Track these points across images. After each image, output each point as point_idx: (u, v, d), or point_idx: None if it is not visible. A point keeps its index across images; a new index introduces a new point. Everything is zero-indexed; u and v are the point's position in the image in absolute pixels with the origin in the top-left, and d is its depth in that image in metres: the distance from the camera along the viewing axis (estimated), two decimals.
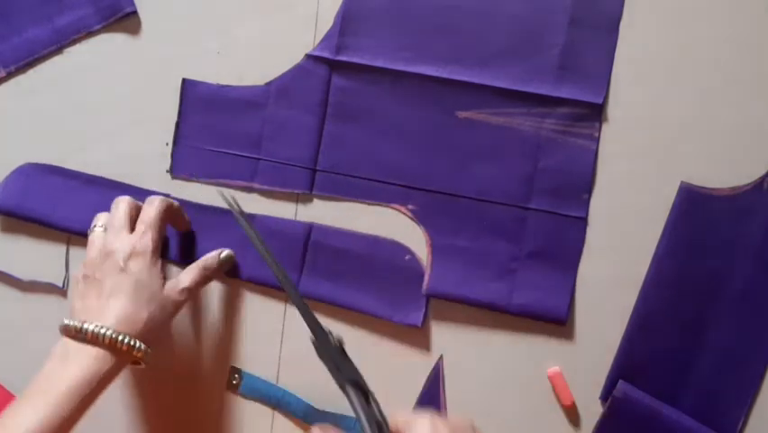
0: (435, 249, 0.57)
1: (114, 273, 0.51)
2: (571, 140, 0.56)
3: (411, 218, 0.58)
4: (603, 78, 0.56)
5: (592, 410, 0.56)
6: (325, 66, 0.58)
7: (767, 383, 0.55)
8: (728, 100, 0.56)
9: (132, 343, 0.50)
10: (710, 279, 0.55)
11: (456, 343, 0.58)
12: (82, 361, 0.48)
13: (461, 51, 0.56)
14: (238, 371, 0.60)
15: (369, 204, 0.58)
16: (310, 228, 0.58)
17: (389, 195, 0.58)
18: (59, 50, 0.61)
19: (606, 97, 0.56)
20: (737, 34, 0.56)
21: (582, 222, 0.56)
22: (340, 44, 0.57)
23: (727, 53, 0.56)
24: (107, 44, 0.61)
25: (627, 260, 0.56)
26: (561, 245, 0.56)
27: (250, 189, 0.59)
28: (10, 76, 0.62)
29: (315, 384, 0.59)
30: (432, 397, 0.58)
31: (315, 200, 0.59)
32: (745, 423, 0.55)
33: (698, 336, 0.55)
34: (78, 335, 0.49)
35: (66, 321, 0.50)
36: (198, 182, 0.60)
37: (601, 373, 0.56)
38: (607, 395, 0.56)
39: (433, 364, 0.58)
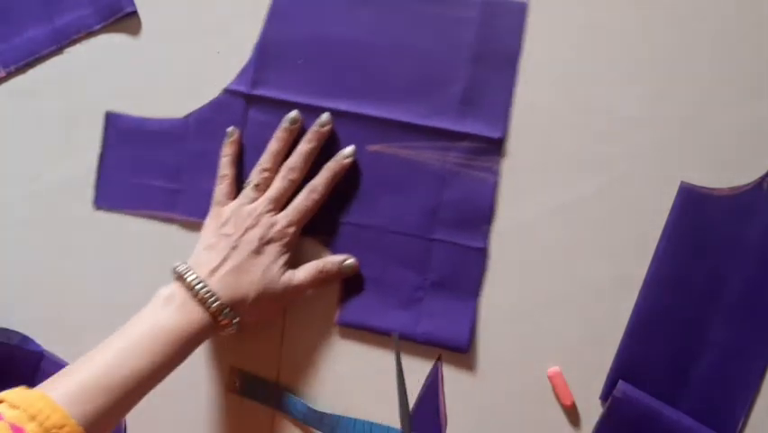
0: (345, 279, 0.58)
1: (246, 249, 0.53)
2: (473, 173, 0.57)
3: (323, 249, 0.58)
4: (502, 114, 0.57)
5: (592, 410, 0.56)
6: (242, 100, 0.59)
7: (767, 383, 0.55)
8: (728, 100, 0.56)
9: (232, 319, 0.53)
10: (710, 279, 0.55)
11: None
12: (184, 314, 0.51)
13: (371, 87, 0.58)
14: (237, 372, 0.60)
15: None
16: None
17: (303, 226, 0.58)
18: (59, 50, 0.61)
19: (506, 132, 0.57)
20: (738, 34, 0.56)
21: (482, 252, 0.57)
22: (256, 79, 0.59)
23: (727, 53, 0.56)
24: (107, 44, 0.61)
25: (627, 260, 0.56)
26: (463, 275, 0.57)
27: (171, 220, 0.60)
28: (10, 76, 0.62)
29: (315, 385, 0.59)
30: (431, 397, 0.58)
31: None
32: (744, 423, 0.55)
33: (698, 336, 0.55)
34: (189, 289, 0.52)
35: (182, 269, 0.53)
36: (121, 213, 0.60)
37: (601, 373, 0.56)
38: (607, 395, 0.56)
39: (432, 365, 0.58)
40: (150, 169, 0.60)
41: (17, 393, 0.44)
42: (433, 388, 0.58)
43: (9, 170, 0.62)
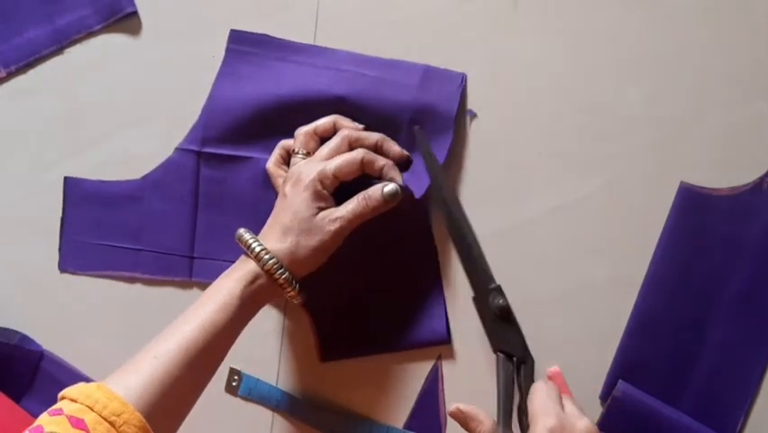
0: (316, 317, 0.58)
1: (280, 198, 0.53)
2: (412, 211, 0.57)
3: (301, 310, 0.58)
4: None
5: (592, 410, 0.56)
6: (193, 157, 0.60)
7: (767, 383, 0.55)
8: (727, 100, 0.56)
9: (280, 271, 0.50)
10: (710, 278, 0.55)
11: (455, 342, 0.58)
12: (241, 272, 0.51)
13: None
14: (237, 372, 0.60)
15: None
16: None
17: None
18: (59, 51, 0.61)
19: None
20: (737, 34, 0.56)
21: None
22: (205, 136, 0.60)
23: (727, 53, 0.56)
24: (107, 44, 0.61)
25: (627, 260, 0.56)
26: (422, 279, 0.58)
27: (133, 280, 0.61)
28: (10, 76, 0.62)
29: (315, 385, 0.59)
30: (431, 396, 0.58)
31: (195, 287, 0.60)
32: (744, 423, 0.55)
33: (697, 336, 0.55)
34: (247, 249, 0.52)
35: (241, 231, 0.52)
36: (86, 275, 0.61)
37: (601, 373, 0.56)
38: (606, 395, 0.56)
39: (432, 364, 0.58)
40: (110, 230, 0.61)
41: (76, 388, 0.44)
42: (433, 388, 0.58)
43: (9, 170, 0.62)
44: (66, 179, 0.61)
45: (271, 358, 0.59)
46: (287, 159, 0.57)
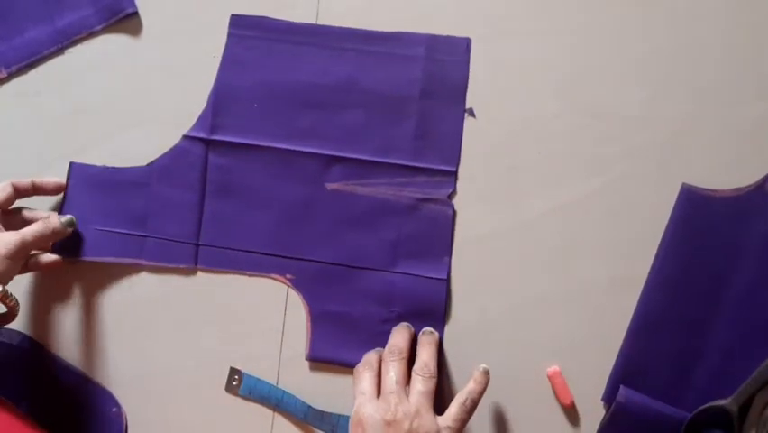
0: (313, 315, 0.59)
1: None
2: (431, 206, 0.58)
3: (290, 287, 0.59)
4: (455, 146, 0.58)
5: (592, 409, 0.56)
6: (202, 145, 0.60)
7: None
8: (729, 101, 0.56)
9: None
10: (712, 280, 0.55)
11: (455, 342, 0.58)
12: None
13: (325, 126, 0.59)
14: (238, 372, 0.60)
15: (250, 275, 0.59)
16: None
17: (269, 265, 0.60)
18: (60, 51, 0.62)
19: (458, 164, 0.58)
20: (739, 34, 0.56)
21: (444, 282, 0.58)
22: (214, 124, 0.60)
23: (728, 54, 0.56)
24: (108, 45, 0.61)
25: (627, 260, 0.56)
26: (426, 306, 0.58)
27: (138, 266, 0.60)
28: (11, 76, 0.62)
29: (315, 385, 0.59)
30: None
31: (200, 273, 0.60)
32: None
33: (700, 338, 0.55)
34: None
35: None
36: (87, 262, 0.60)
37: (601, 373, 0.56)
38: (609, 396, 0.55)
39: None
40: (115, 216, 0.61)
41: None
42: None
43: (10, 170, 0.62)
44: (71, 164, 0.61)
45: (271, 358, 0.59)
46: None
